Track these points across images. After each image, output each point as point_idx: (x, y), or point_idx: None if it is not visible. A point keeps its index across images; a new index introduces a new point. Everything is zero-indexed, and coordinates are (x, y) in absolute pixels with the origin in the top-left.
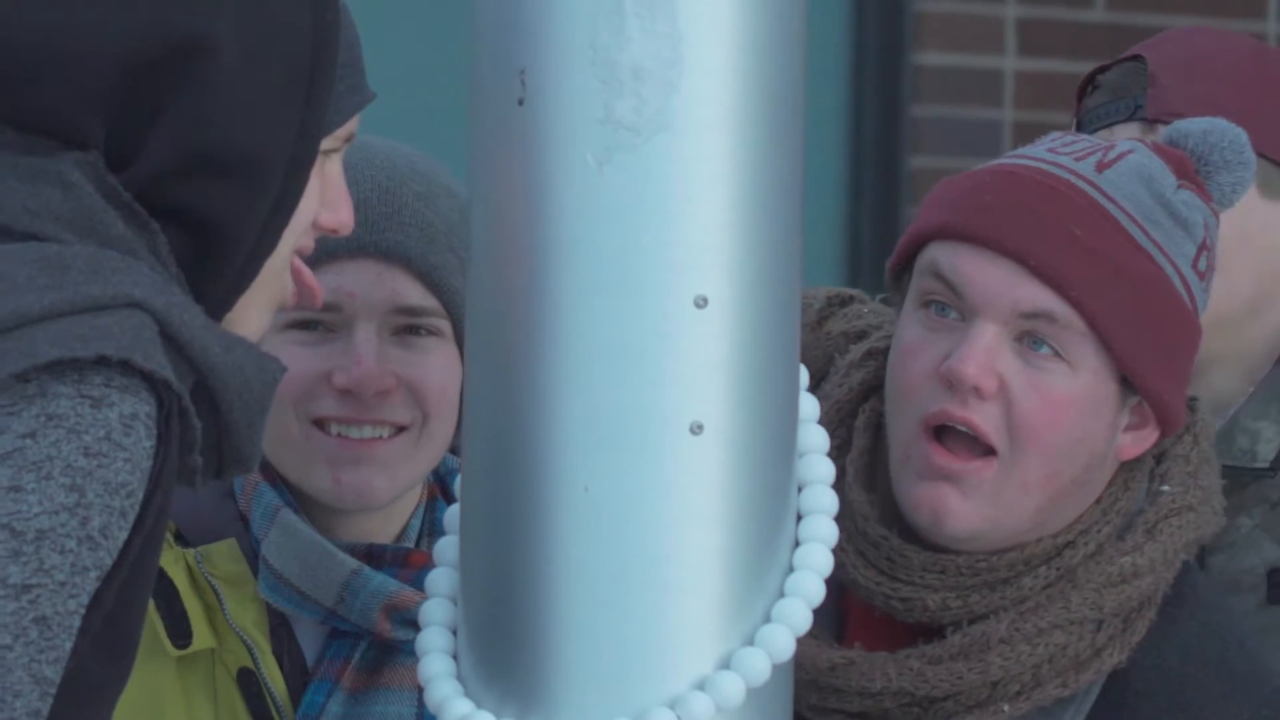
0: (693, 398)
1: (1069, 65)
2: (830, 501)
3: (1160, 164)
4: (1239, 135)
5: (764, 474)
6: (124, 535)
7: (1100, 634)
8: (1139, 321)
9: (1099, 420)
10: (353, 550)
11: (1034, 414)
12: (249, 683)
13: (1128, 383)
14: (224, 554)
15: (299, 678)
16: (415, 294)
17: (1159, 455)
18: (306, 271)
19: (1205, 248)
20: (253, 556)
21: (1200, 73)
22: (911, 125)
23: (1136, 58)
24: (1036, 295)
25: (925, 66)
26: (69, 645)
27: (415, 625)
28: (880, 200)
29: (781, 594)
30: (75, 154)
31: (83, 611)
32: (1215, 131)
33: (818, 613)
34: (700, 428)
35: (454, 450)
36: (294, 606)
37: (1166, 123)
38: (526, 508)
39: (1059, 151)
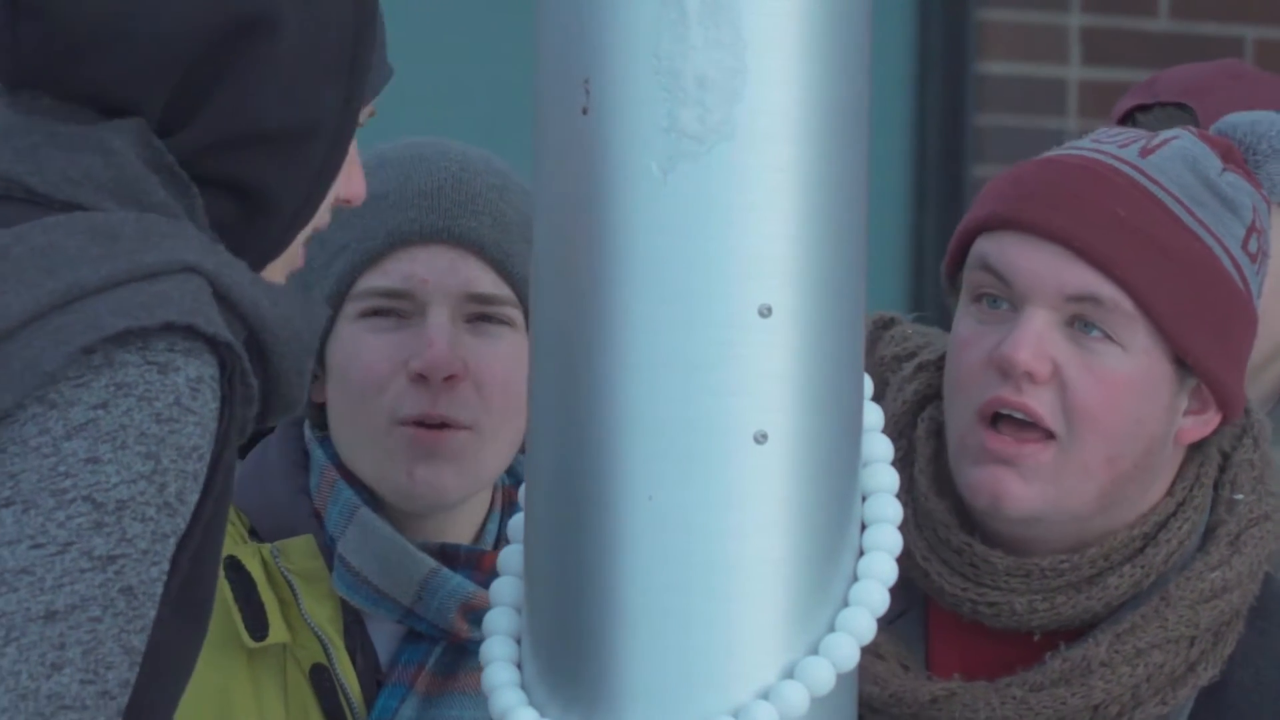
0: (757, 407)
1: (1133, 74)
2: (894, 511)
3: (1205, 148)
4: None
5: (828, 483)
6: (195, 498)
7: (1193, 649)
8: (1189, 301)
9: (1155, 402)
10: (425, 550)
11: (1089, 396)
12: (322, 679)
13: (1182, 364)
14: (301, 549)
15: (371, 676)
16: (487, 282)
17: (1223, 462)
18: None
19: (1255, 229)
20: (327, 554)
21: None
22: (975, 135)
23: (1183, 106)
24: (1083, 278)
25: (989, 76)
26: (153, 613)
27: None
28: (943, 210)
29: (845, 603)
30: (118, 120)
31: (164, 579)
32: (1264, 122)
33: (905, 641)
34: (764, 437)
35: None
36: (370, 604)
37: None
38: (591, 517)
39: (1103, 141)
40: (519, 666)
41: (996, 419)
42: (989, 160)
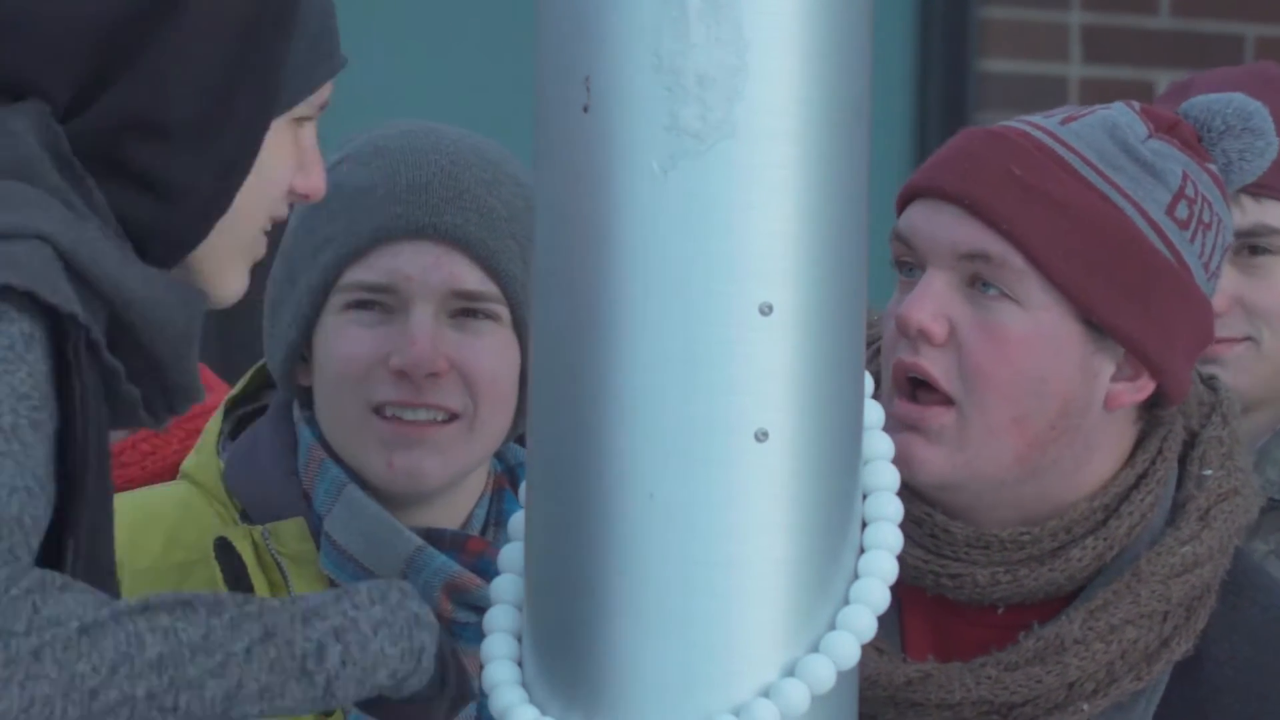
0: (757, 405)
1: (1134, 72)
2: (895, 509)
3: (1133, 117)
4: (1247, 104)
5: (829, 481)
6: (41, 449)
7: (1166, 625)
8: (1091, 258)
9: (1062, 361)
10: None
11: (982, 354)
12: None
13: (1095, 325)
14: (292, 533)
15: None
16: (473, 278)
17: (1193, 439)
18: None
19: (1184, 196)
20: (318, 538)
21: None
22: None
23: None
24: (973, 235)
25: (990, 74)
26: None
27: (475, 609)
28: None
29: (846, 601)
30: (22, 104)
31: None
32: (1220, 100)
33: (880, 624)
34: (765, 435)
35: (521, 441)
36: (356, 582)
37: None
38: (591, 515)
39: (1038, 114)
40: (519, 664)
41: (916, 387)
42: None
